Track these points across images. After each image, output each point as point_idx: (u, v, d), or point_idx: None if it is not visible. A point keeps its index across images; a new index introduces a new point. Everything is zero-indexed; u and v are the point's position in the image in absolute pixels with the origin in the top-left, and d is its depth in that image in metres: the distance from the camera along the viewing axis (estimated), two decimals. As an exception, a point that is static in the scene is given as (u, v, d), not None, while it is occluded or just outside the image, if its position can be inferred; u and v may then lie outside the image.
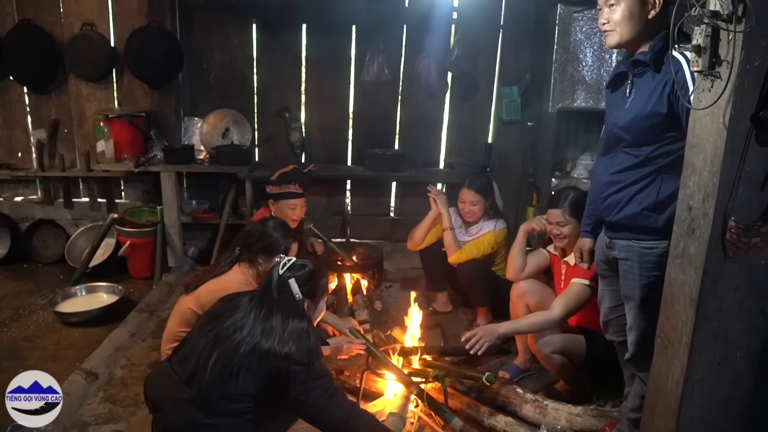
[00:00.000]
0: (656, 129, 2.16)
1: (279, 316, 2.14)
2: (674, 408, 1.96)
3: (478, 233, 3.77)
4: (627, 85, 2.29)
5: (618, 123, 2.28)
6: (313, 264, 2.33)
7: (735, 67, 1.63)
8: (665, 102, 2.11)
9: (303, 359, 2.07)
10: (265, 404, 2.09)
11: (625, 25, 2.16)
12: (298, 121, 4.88)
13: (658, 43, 2.15)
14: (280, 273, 2.22)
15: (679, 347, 1.93)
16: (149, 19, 4.53)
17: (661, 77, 2.13)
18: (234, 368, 2.05)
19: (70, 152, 4.93)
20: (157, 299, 4.20)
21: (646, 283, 2.28)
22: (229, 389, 2.05)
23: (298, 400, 2.09)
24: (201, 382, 2.07)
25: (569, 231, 3.01)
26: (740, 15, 1.59)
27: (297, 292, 2.19)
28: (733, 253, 1.77)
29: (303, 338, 2.11)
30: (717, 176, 1.73)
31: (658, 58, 2.15)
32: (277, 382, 2.06)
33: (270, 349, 2.06)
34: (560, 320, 2.96)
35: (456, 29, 4.62)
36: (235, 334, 2.12)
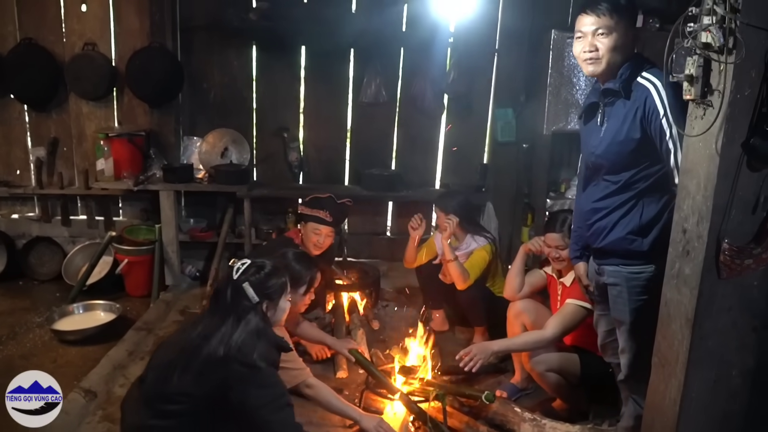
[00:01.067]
0: (632, 154, 2.22)
1: (230, 321, 2.16)
2: (671, 425, 2.01)
3: (466, 249, 3.83)
4: (599, 114, 2.36)
5: (596, 152, 2.35)
6: (270, 264, 2.33)
7: (726, 97, 1.71)
8: (638, 127, 2.18)
9: (247, 362, 2.09)
10: (210, 408, 2.11)
11: (612, 55, 2.22)
12: (296, 141, 4.94)
13: (625, 71, 2.23)
14: (234, 278, 2.23)
15: (675, 366, 1.98)
16: (151, 39, 4.60)
17: (631, 104, 2.21)
18: (172, 369, 2.11)
19: (69, 170, 4.96)
20: (155, 317, 4.21)
21: (635, 307, 2.34)
22: (167, 389, 2.10)
23: (239, 404, 2.09)
24: (147, 383, 2.18)
25: (567, 254, 3.06)
26: (731, 47, 1.67)
27: (252, 296, 2.20)
28: (726, 274, 1.83)
29: (251, 342, 2.13)
30: (710, 200, 1.80)
31: (626, 86, 2.22)
32: (219, 385, 2.08)
33: (213, 352, 2.09)
34: (554, 339, 3.00)
35: (452, 53, 4.71)
36: (181, 340, 2.21)
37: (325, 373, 3.46)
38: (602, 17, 2.18)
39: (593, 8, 2.19)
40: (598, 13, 2.18)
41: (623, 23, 2.19)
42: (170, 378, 2.11)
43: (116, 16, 4.72)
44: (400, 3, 4.69)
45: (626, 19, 2.20)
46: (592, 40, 2.22)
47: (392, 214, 5.24)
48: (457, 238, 3.87)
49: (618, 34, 2.19)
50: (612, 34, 2.19)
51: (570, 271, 3.08)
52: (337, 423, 3.04)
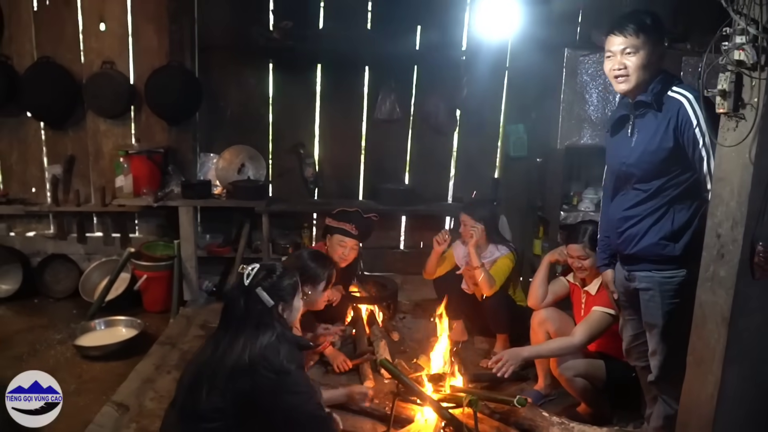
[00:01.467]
0: (664, 163, 2.35)
1: (249, 329, 2.15)
2: (708, 420, 2.11)
3: (490, 258, 3.93)
4: (629, 126, 2.49)
5: (627, 161, 2.47)
6: (280, 266, 2.34)
7: (759, 110, 1.84)
8: (671, 136, 2.31)
9: (275, 368, 2.09)
10: (241, 419, 2.11)
11: (641, 73, 2.36)
12: (311, 157, 5.06)
13: (656, 85, 2.37)
14: (245, 284, 2.20)
15: (711, 363, 2.09)
16: (170, 58, 4.71)
17: (663, 115, 2.35)
18: (199, 388, 2.10)
19: (85, 187, 5.02)
20: (177, 332, 4.25)
21: (667, 310, 2.44)
22: (201, 408, 2.10)
23: (270, 411, 2.11)
24: (179, 405, 2.19)
25: (590, 264, 3.15)
26: (763, 64, 1.80)
27: (267, 300, 2.18)
28: (760, 275, 1.95)
29: (274, 347, 2.13)
30: (745, 206, 1.92)
31: (658, 99, 2.36)
32: (247, 393, 2.08)
33: (238, 362, 2.09)
34: (581, 346, 3.10)
35: (465, 70, 4.86)
36: (203, 358, 2.20)
37: (351, 383, 3.53)
38: (629, 37, 2.33)
39: (621, 29, 2.34)
40: (626, 33, 2.33)
41: (650, 42, 2.33)
42: (200, 397, 2.10)
43: (135, 35, 4.82)
44: (413, 22, 4.85)
45: (653, 38, 2.34)
46: (621, 59, 2.37)
47: (405, 228, 5.35)
48: (480, 247, 3.97)
49: (645, 52, 2.33)
50: (639, 53, 2.34)
51: (594, 280, 3.19)
52: (369, 430, 3.12)
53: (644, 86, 2.39)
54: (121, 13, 4.78)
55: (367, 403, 3.25)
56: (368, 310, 4.39)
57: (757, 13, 1.79)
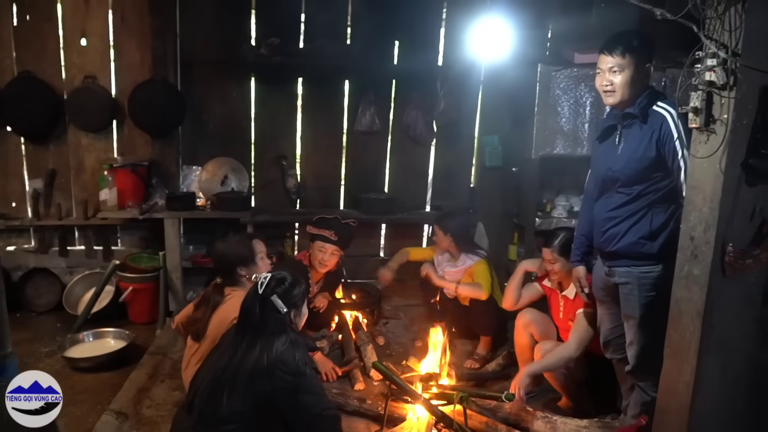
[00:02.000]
0: (646, 170, 2.59)
1: (265, 335, 2.28)
2: (685, 406, 2.32)
3: (462, 265, 4.14)
4: (616, 135, 2.73)
5: (613, 167, 2.71)
6: (289, 274, 2.47)
7: (728, 126, 2.06)
8: (654, 147, 2.55)
9: (292, 371, 2.23)
10: (261, 422, 2.24)
11: (626, 89, 2.60)
12: (293, 168, 5.19)
13: (643, 100, 2.61)
14: (260, 292, 2.34)
15: (687, 354, 2.30)
16: (153, 72, 4.77)
17: (648, 127, 2.59)
18: (220, 392, 2.23)
19: (67, 201, 5.03)
20: (166, 342, 4.31)
21: (645, 302, 2.67)
22: (221, 411, 2.21)
23: (288, 411, 2.23)
24: (197, 409, 2.29)
25: (559, 268, 3.36)
26: (732, 85, 2.03)
27: (282, 307, 2.32)
28: (731, 273, 2.17)
29: (290, 351, 2.27)
30: (716, 211, 2.14)
31: (644, 112, 2.60)
32: (266, 395, 2.21)
33: (257, 365, 2.22)
34: (578, 353, 3.21)
35: (441, 84, 5.06)
36: (221, 363, 2.31)
37: (343, 387, 3.67)
38: (616, 57, 2.57)
39: (610, 49, 2.58)
40: (614, 54, 2.57)
41: (635, 62, 2.56)
42: (220, 401, 2.22)
43: (117, 50, 4.88)
44: (391, 38, 5.05)
45: (638, 58, 2.57)
46: (609, 76, 2.61)
47: (385, 236, 5.52)
48: (453, 256, 4.17)
49: (630, 71, 2.57)
50: (624, 72, 2.57)
51: (570, 284, 3.39)
52: (363, 430, 3.26)
53: (631, 100, 2.62)
54: (103, 29, 4.83)
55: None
56: (353, 316, 4.53)
57: (726, 39, 2.02)
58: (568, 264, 3.24)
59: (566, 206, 4.73)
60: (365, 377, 3.75)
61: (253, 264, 3.08)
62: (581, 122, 4.34)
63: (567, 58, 4.37)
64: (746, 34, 1.99)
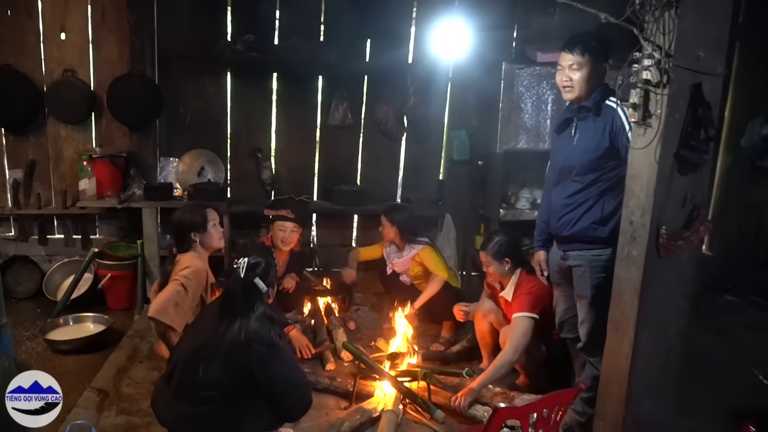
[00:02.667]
0: (600, 160, 2.83)
1: (244, 312, 2.47)
2: (625, 375, 2.55)
3: (407, 254, 4.41)
4: (572, 127, 2.97)
5: (570, 157, 2.95)
6: (262, 256, 2.66)
7: (662, 120, 2.29)
8: (607, 138, 2.79)
9: (266, 342, 2.42)
10: (237, 388, 2.40)
11: (584, 85, 2.84)
12: (268, 161, 5.34)
13: (597, 95, 2.85)
14: (242, 276, 2.53)
15: (627, 328, 2.53)
16: (131, 67, 4.90)
17: (601, 120, 2.83)
18: (198, 362, 2.41)
19: (46, 191, 5.13)
20: (144, 327, 4.42)
21: (596, 283, 2.91)
22: (199, 379, 2.40)
23: (263, 378, 2.40)
24: (176, 378, 2.48)
25: (493, 270, 3.61)
26: (665, 83, 2.26)
27: (263, 287, 2.54)
28: (664, 254, 2.40)
29: (265, 325, 2.46)
30: (651, 198, 2.37)
31: (597, 106, 2.84)
32: (243, 366, 2.38)
33: (236, 339, 2.40)
34: (516, 359, 3.39)
35: (411, 81, 5.25)
36: (202, 336, 2.49)
37: (315, 367, 3.86)
38: (576, 55, 2.81)
39: (570, 48, 2.83)
40: (573, 52, 2.81)
41: (592, 61, 2.80)
42: (198, 369, 2.41)
43: (96, 45, 4.98)
44: (363, 36, 5.24)
45: (595, 57, 2.81)
46: (568, 73, 2.84)
47: (357, 227, 5.71)
48: (399, 248, 4.43)
49: (588, 69, 2.81)
50: (582, 69, 2.81)
51: (508, 284, 3.60)
52: (333, 406, 3.46)
53: (586, 95, 2.86)
54: (82, 24, 4.93)
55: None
56: (325, 302, 4.72)
57: (661, 41, 2.25)
58: (501, 267, 3.53)
59: (529, 198, 4.98)
60: (336, 358, 3.95)
61: (204, 230, 3.27)
62: (543, 118, 4.59)
63: (530, 57, 4.61)
64: (678, 36, 2.20)
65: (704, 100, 2.24)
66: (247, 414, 2.46)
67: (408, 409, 3.36)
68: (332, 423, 3.15)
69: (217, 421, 2.43)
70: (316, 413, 3.33)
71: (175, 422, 2.51)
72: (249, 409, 2.46)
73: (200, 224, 3.26)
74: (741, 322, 4.96)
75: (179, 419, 2.49)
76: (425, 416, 3.28)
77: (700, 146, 2.26)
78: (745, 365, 4.13)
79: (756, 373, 4.00)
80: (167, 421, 2.56)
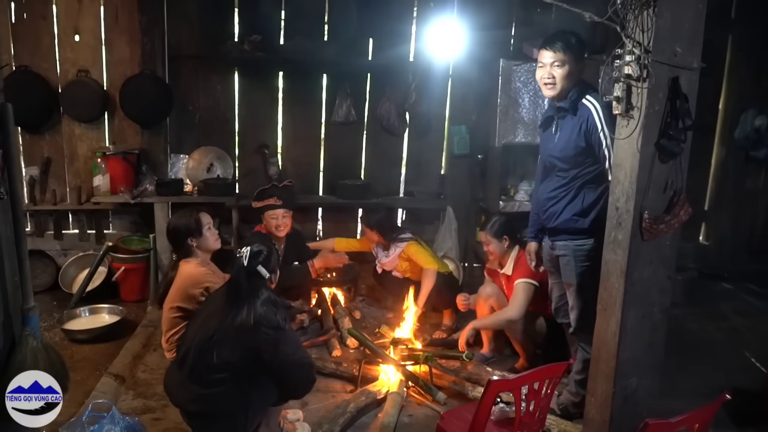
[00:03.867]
0: (579, 157, 2.98)
1: (250, 298, 2.62)
2: (613, 353, 2.69)
3: (394, 252, 4.56)
4: (554, 125, 3.11)
5: (552, 153, 3.10)
6: (264, 244, 2.80)
7: (642, 112, 2.44)
8: (582, 137, 2.93)
9: (273, 325, 2.57)
10: (247, 368, 2.55)
11: (565, 82, 2.97)
12: (275, 157, 5.52)
13: (573, 94, 2.97)
14: (245, 264, 2.68)
15: (614, 308, 2.68)
16: (142, 67, 5.08)
17: (577, 119, 2.96)
18: (210, 346, 2.55)
19: (61, 187, 5.32)
20: (157, 317, 4.54)
21: (580, 271, 3.06)
22: (211, 362, 2.55)
23: (270, 359, 2.55)
24: (189, 363, 2.62)
25: (493, 248, 3.82)
26: (645, 77, 2.41)
27: (266, 273, 2.70)
28: (647, 237, 2.54)
29: (271, 309, 2.61)
30: (635, 184, 2.51)
31: (574, 106, 2.97)
32: (252, 348, 2.54)
33: (245, 323, 2.55)
34: (517, 317, 3.64)
35: (412, 78, 5.43)
36: (212, 322, 2.64)
37: (321, 353, 4.03)
38: (557, 53, 2.93)
39: (551, 45, 2.94)
40: (555, 49, 2.93)
41: (573, 57, 2.93)
42: (211, 353, 2.56)
43: (108, 46, 5.17)
44: (366, 35, 5.40)
45: (575, 54, 2.94)
46: (550, 70, 2.96)
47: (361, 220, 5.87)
48: (385, 248, 4.60)
49: (569, 66, 2.93)
50: (564, 66, 2.94)
51: (507, 262, 3.82)
52: (339, 389, 3.63)
53: (566, 92, 2.98)
54: (95, 25, 5.13)
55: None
56: (331, 293, 4.89)
57: (641, 38, 2.39)
58: (501, 245, 3.74)
59: (528, 191, 5.12)
60: (342, 346, 4.12)
61: (200, 235, 3.31)
62: (540, 112, 4.72)
63: (526, 53, 4.76)
64: (656, 33, 2.34)
65: (681, 93, 2.38)
66: (256, 392, 2.63)
67: (411, 392, 3.52)
68: (338, 404, 3.31)
69: (228, 400, 2.60)
70: (323, 396, 3.52)
71: (189, 403, 2.69)
72: (258, 388, 2.63)
73: (195, 229, 3.27)
74: (735, 308, 5.12)
75: (193, 400, 2.66)
76: (427, 398, 3.45)
77: (678, 136, 2.40)
78: (737, 348, 4.28)
79: (747, 355, 4.15)
80: (181, 402, 2.74)
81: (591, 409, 2.87)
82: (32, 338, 2.73)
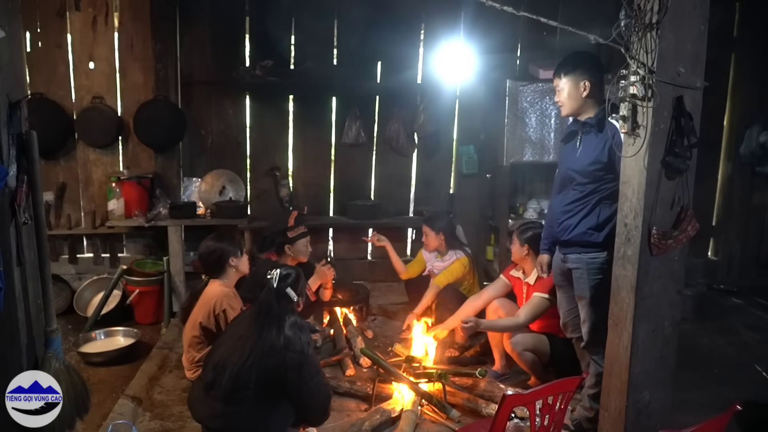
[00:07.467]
0: (599, 172, 3.05)
1: (277, 320, 2.67)
2: (626, 367, 2.73)
3: (449, 260, 4.60)
4: (577, 140, 3.19)
5: (572, 167, 3.17)
6: (292, 268, 2.89)
7: (648, 130, 2.51)
8: (606, 153, 3.00)
9: (297, 350, 2.62)
10: (271, 392, 2.61)
11: (568, 102, 3.11)
12: (286, 179, 5.61)
13: (600, 112, 3.06)
14: (275, 287, 2.75)
15: (625, 322, 2.73)
16: (156, 93, 5.19)
17: (602, 136, 3.03)
18: (242, 365, 2.59)
19: (76, 212, 5.41)
20: (172, 339, 4.68)
21: (593, 284, 3.10)
22: (240, 380, 2.58)
23: (292, 382, 2.60)
24: (223, 386, 2.65)
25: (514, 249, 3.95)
26: (650, 96, 2.48)
27: (294, 296, 2.77)
28: (656, 252, 2.60)
29: (297, 334, 2.67)
30: (642, 201, 2.58)
31: (600, 122, 3.05)
32: (277, 369, 2.59)
33: (273, 345, 2.60)
34: (525, 324, 3.73)
35: (421, 99, 5.53)
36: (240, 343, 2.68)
37: (335, 373, 4.07)
38: (555, 79, 3.13)
39: (554, 73, 3.14)
40: (555, 76, 3.13)
41: (571, 82, 3.07)
42: (242, 372, 2.60)
43: (122, 73, 5.30)
44: (374, 58, 5.52)
45: (573, 79, 3.07)
46: (557, 95, 3.13)
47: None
48: (441, 252, 4.61)
49: (567, 89, 3.08)
50: (564, 90, 3.09)
51: (531, 272, 3.88)
52: (354, 408, 3.66)
53: (577, 110, 3.11)
54: (109, 53, 5.26)
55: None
56: (343, 313, 4.94)
57: (645, 59, 2.47)
58: (521, 250, 3.85)
59: (537, 209, 5.19)
60: (355, 365, 4.14)
61: (241, 255, 3.50)
62: (547, 132, 4.82)
63: (532, 74, 4.85)
64: (659, 54, 2.43)
65: (686, 111, 2.45)
66: (276, 413, 2.68)
67: (425, 410, 3.55)
68: (353, 423, 3.34)
69: (249, 419, 2.64)
70: (338, 415, 3.53)
71: (212, 420, 2.73)
72: (279, 409, 2.68)
73: (238, 250, 3.45)
74: (745, 323, 5.13)
75: (215, 417, 2.70)
76: (442, 416, 3.47)
77: (684, 153, 2.47)
78: (748, 362, 4.29)
79: (759, 369, 4.16)
80: (203, 417, 2.78)
81: (605, 424, 2.90)
82: (55, 360, 2.78)
